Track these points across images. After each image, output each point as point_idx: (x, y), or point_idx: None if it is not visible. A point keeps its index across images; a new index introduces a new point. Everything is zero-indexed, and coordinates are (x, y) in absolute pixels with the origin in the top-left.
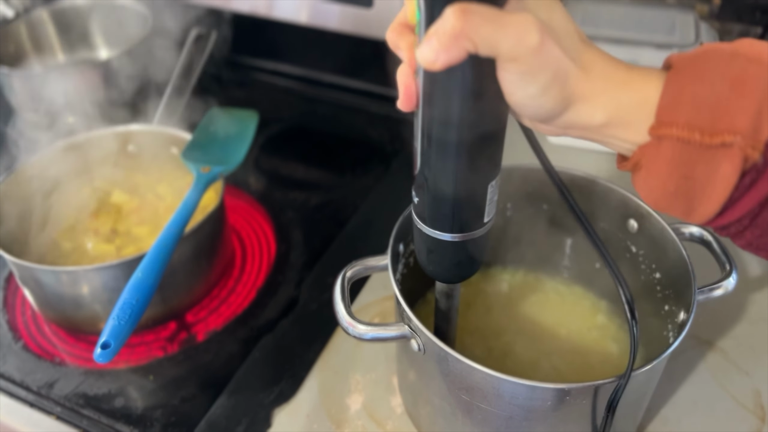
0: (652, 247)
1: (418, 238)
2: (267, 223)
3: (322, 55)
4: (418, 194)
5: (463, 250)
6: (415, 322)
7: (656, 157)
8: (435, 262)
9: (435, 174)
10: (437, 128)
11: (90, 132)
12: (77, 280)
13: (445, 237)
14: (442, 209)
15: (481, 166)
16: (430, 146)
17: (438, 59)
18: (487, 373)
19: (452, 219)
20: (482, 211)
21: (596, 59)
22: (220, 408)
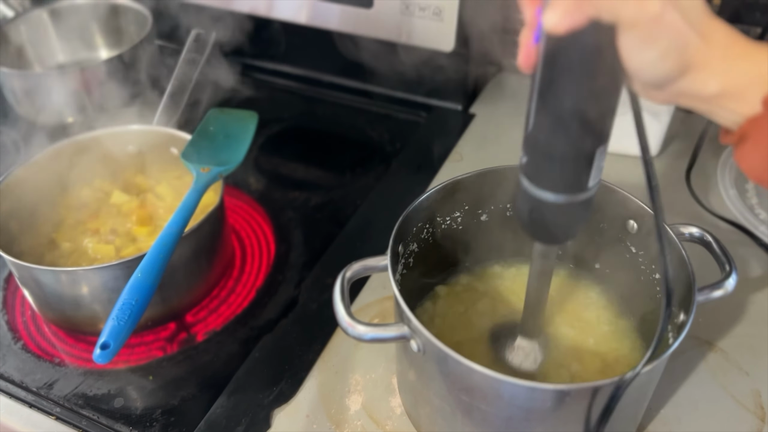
0: (652, 247)
1: (522, 197)
2: (267, 223)
3: (322, 55)
4: (527, 153)
5: (564, 212)
6: (414, 323)
7: (766, 127)
8: (536, 221)
9: (548, 134)
10: (554, 91)
11: (90, 132)
12: (77, 281)
13: (549, 197)
14: (550, 169)
15: (592, 130)
16: (546, 107)
17: (561, 24)
18: (487, 374)
19: (559, 179)
20: (588, 174)
21: (717, 29)
22: (220, 408)
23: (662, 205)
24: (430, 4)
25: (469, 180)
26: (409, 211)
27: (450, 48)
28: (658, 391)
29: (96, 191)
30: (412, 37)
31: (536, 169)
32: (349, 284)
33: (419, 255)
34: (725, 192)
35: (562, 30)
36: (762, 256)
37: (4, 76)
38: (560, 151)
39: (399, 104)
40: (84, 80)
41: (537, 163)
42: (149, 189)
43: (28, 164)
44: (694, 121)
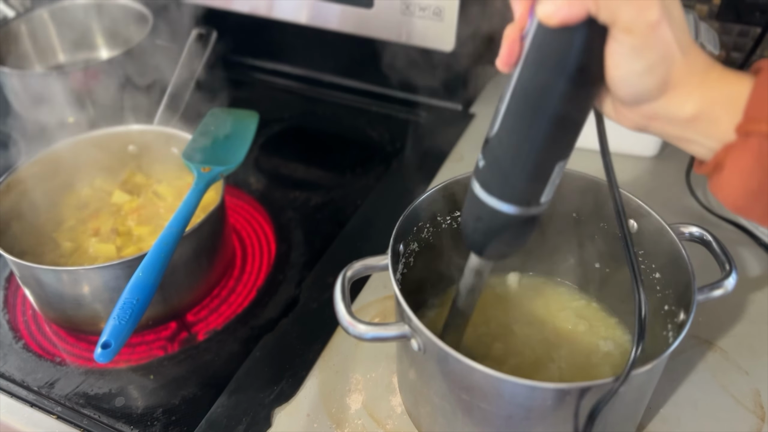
0: (652, 247)
1: (470, 204)
2: (267, 222)
3: (322, 55)
4: (485, 157)
5: (511, 225)
6: (415, 322)
7: (741, 154)
8: (480, 231)
9: (512, 138)
10: (531, 92)
11: (90, 132)
12: (78, 280)
13: (500, 206)
14: (507, 176)
15: (558, 141)
16: (517, 109)
17: (557, 14)
18: (487, 373)
19: (513, 188)
20: (543, 188)
21: (699, 54)
22: (221, 407)
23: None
24: (430, 4)
25: (469, 179)
26: (410, 210)
27: (450, 48)
28: (658, 391)
29: (97, 191)
30: (412, 37)
31: (492, 175)
32: (350, 283)
33: (420, 254)
34: None
35: (556, 21)
36: (762, 256)
37: (4, 76)
38: (522, 159)
39: (399, 104)
40: (84, 80)
41: (494, 169)
42: (150, 189)
43: (28, 164)
44: None
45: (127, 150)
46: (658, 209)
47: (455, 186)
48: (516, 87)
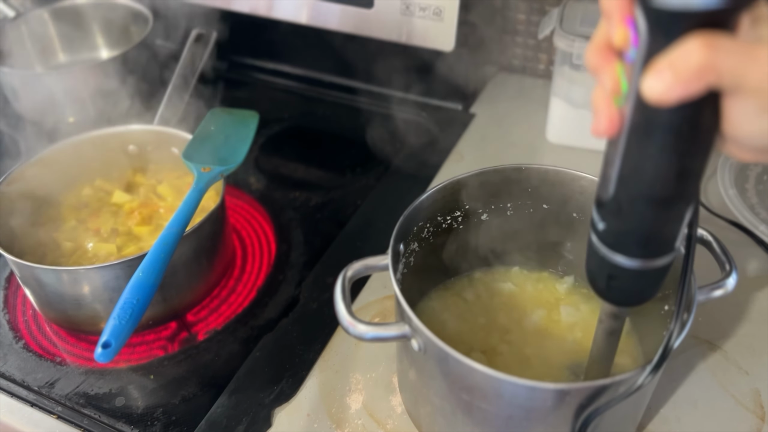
0: None
1: (597, 262)
2: (267, 222)
3: (322, 55)
4: (606, 220)
5: (647, 276)
6: (415, 322)
7: None
8: (615, 287)
9: (634, 201)
10: (647, 159)
11: (90, 132)
12: (78, 280)
13: (634, 264)
14: (636, 236)
15: (683, 196)
16: (633, 174)
17: (671, 93)
18: (487, 373)
19: (645, 246)
20: (676, 237)
21: None
22: (221, 407)
23: None
24: (430, 4)
25: (469, 179)
26: (410, 210)
27: (450, 48)
28: (657, 391)
29: (97, 191)
30: (412, 37)
31: (619, 236)
32: (350, 283)
33: (420, 254)
34: (725, 192)
35: (671, 101)
36: (762, 256)
37: (4, 76)
38: (650, 221)
39: (399, 104)
40: (84, 80)
41: (620, 231)
42: (150, 188)
43: (29, 164)
44: None
45: (127, 150)
46: None
47: (455, 186)
48: (626, 152)
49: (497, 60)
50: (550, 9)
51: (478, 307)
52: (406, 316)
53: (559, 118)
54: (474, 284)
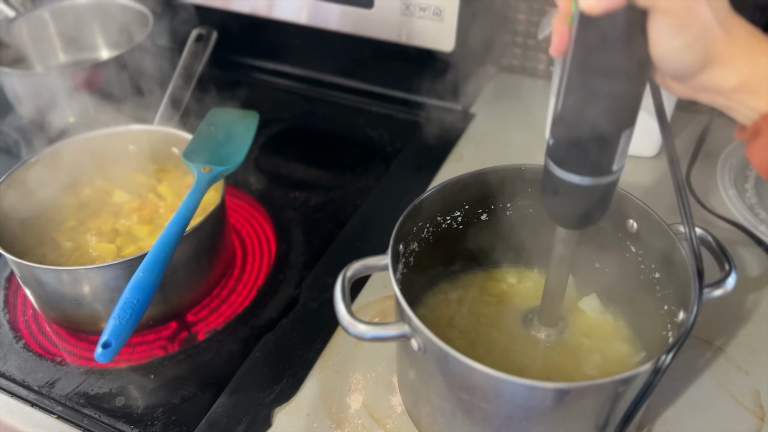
0: (652, 247)
1: (547, 180)
2: (267, 222)
3: (322, 55)
4: (553, 135)
5: (588, 196)
6: (415, 322)
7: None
8: (560, 204)
9: (574, 115)
10: (585, 72)
11: (91, 132)
12: (78, 280)
13: (575, 179)
14: (577, 151)
15: (619, 111)
16: (575, 88)
17: (598, 5)
18: (487, 372)
19: (584, 162)
20: (613, 157)
21: (740, 27)
22: (221, 407)
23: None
24: (430, 4)
25: (469, 179)
26: (410, 210)
27: (450, 48)
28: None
29: (97, 191)
30: (412, 37)
31: (562, 151)
32: (350, 283)
33: (420, 254)
34: (725, 192)
35: (599, 11)
36: (762, 256)
37: (4, 76)
38: (587, 134)
39: (399, 104)
40: (85, 80)
41: (563, 146)
42: (150, 188)
43: (29, 164)
44: (694, 121)
45: (127, 150)
46: (658, 209)
47: (455, 186)
48: (571, 69)
49: (497, 60)
50: (550, 9)
51: (477, 306)
52: (406, 316)
53: None
54: (474, 284)
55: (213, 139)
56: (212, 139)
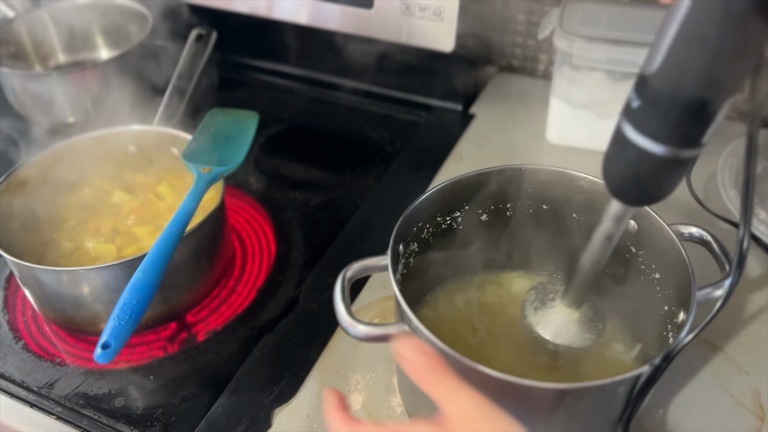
0: (652, 247)
1: (617, 148)
2: (267, 223)
3: (322, 55)
4: (642, 95)
5: (665, 168)
6: (415, 323)
7: None
8: (628, 175)
9: (679, 73)
10: (703, 22)
11: (90, 132)
12: (78, 280)
13: (656, 148)
14: (668, 115)
15: (731, 74)
16: (686, 41)
17: None
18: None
19: (673, 127)
20: (707, 127)
21: None
22: (221, 408)
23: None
24: (430, 4)
25: (469, 180)
26: (410, 210)
27: (450, 48)
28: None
29: (97, 191)
30: (412, 37)
31: (650, 114)
32: (350, 284)
33: (420, 254)
34: (725, 192)
35: None
36: (762, 256)
37: (4, 76)
38: (689, 95)
39: (399, 104)
40: (84, 80)
41: (653, 108)
42: (150, 189)
43: (28, 164)
44: None
45: (127, 150)
46: (658, 209)
47: (455, 186)
48: (686, 19)
49: (497, 60)
50: (550, 9)
51: (477, 308)
52: (406, 317)
53: (559, 118)
54: (473, 285)
55: (213, 139)
56: (212, 140)
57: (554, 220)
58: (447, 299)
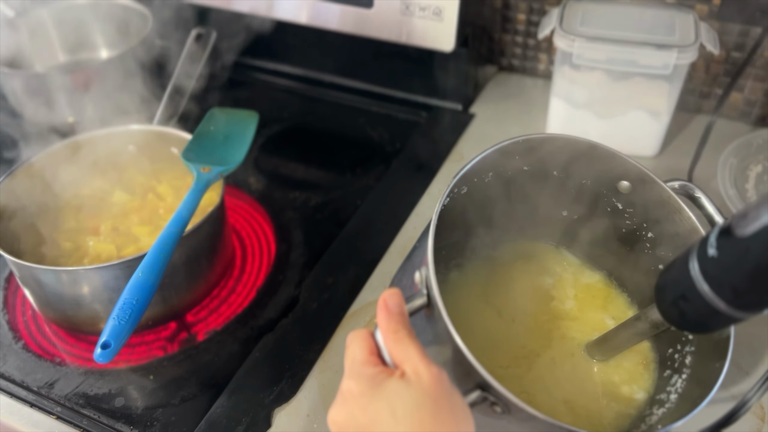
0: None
1: (680, 277)
2: (267, 223)
3: (322, 55)
4: (721, 249)
5: (717, 318)
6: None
7: None
8: (679, 307)
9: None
10: None
11: (90, 132)
12: (77, 280)
13: (715, 302)
14: (739, 282)
15: None
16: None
17: None
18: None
19: (740, 295)
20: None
21: None
22: (220, 408)
23: None
24: (430, 4)
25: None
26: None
27: (450, 48)
28: None
29: (97, 191)
30: (412, 37)
31: (722, 271)
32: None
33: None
34: (725, 192)
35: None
36: None
37: (4, 76)
38: (765, 280)
39: (399, 104)
40: (84, 80)
41: (727, 268)
42: (150, 189)
43: (28, 164)
44: (695, 121)
45: (127, 150)
46: None
47: (518, 146)
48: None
49: (497, 60)
50: (550, 9)
51: (510, 279)
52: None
53: (559, 118)
54: (510, 253)
55: (212, 139)
56: (212, 140)
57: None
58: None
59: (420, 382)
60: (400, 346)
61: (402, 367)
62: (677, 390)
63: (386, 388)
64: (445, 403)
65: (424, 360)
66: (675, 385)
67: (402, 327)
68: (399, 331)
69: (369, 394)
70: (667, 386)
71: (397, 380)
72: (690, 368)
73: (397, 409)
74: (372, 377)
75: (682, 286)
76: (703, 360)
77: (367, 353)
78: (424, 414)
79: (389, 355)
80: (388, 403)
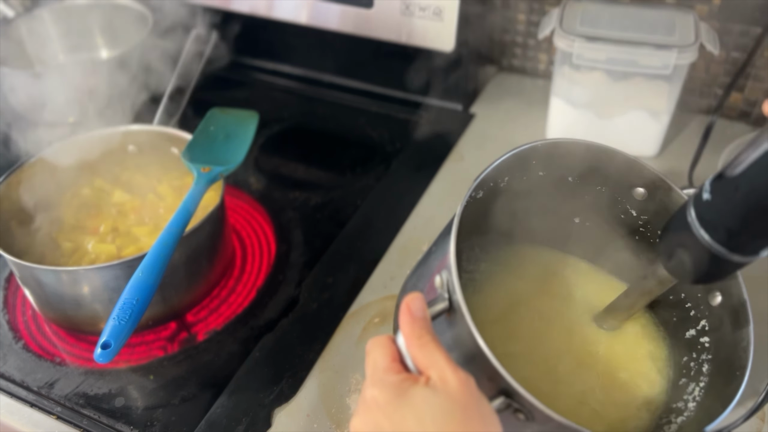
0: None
1: (678, 226)
2: (267, 223)
3: (322, 55)
4: (714, 191)
5: (716, 263)
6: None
7: None
8: (679, 255)
9: (758, 189)
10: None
11: (90, 132)
12: (78, 280)
13: (712, 245)
14: (733, 221)
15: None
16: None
17: None
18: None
19: (735, 235)
20: (764, 246)
21: None
22: (221, 408)
23: None
24: (430, 4)
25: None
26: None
27: (450, 48)
28: None
29: (97, 191)
30: (412, 37)
31: (716, 214)
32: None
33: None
34: None
35: None
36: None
37: (4, 76)
38: (761, 213)
39: (399, 104)
40: (84, 80)
41: (720, 209)
42: (150, 189)
43: (28, 164)
44: (695, 121)
45: (127, 150)
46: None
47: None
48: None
49: (497, 60)
50: (550, 9)
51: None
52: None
53: (559, 118)
54: (530, 259)
55: (213, 139)
56: (212, 139)
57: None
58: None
59: (447, 388)
60: (425, 351)
61: (427, 373)
62: (695, 398)
63: (412, 395)
64: (474, 410)
65: (450, 365)
66: (692, 394)
67: (426, 332)
68: (423, 336)
69: (394, 402)
70: (683, 394)
71: (423, 387)
72: (708, 376)
73: (424, 417)
74: (396, 385)
75: (681, 235)
76: (721, 367)
77: (389, 360)
78: (454, 422)
79: (413, 361)
80: (415, 411)
